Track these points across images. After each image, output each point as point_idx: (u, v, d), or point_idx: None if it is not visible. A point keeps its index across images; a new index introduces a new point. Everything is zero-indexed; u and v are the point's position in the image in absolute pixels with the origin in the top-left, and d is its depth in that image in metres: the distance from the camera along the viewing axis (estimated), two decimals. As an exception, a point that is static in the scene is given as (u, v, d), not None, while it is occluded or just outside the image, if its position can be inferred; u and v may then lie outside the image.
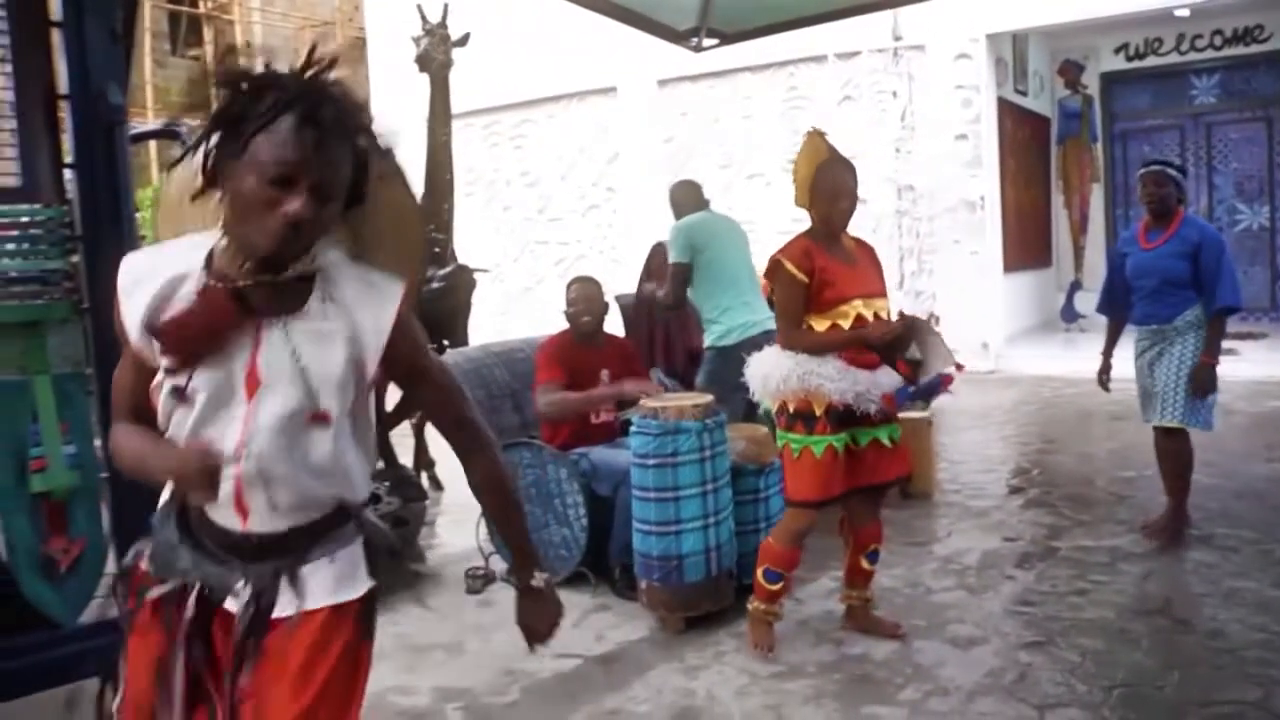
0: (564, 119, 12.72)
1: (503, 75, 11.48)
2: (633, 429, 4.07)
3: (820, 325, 3.55)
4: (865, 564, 3.81)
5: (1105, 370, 5.05)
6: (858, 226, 3.70)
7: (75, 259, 3.07)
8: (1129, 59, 12.16)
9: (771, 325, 4.04)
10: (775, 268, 3.60)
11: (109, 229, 3.03)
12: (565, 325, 4.78)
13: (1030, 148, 12.07)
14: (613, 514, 4.33)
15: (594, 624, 4.12)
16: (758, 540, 3.86)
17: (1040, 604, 4.09)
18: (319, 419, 1.62)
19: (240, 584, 1.67)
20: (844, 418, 3.53)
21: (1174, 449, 4.75)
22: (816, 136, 3.67)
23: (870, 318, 3.54)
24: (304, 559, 1.69)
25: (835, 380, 3.48)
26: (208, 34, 17.13)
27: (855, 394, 3.48)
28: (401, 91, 10.81)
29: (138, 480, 1.72)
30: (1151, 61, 12.02)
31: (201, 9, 17.19)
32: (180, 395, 1.60)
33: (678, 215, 5.75)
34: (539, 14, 9.35)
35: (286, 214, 1.53)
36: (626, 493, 4.14)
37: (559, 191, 12.82)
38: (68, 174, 3.06)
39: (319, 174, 1.55)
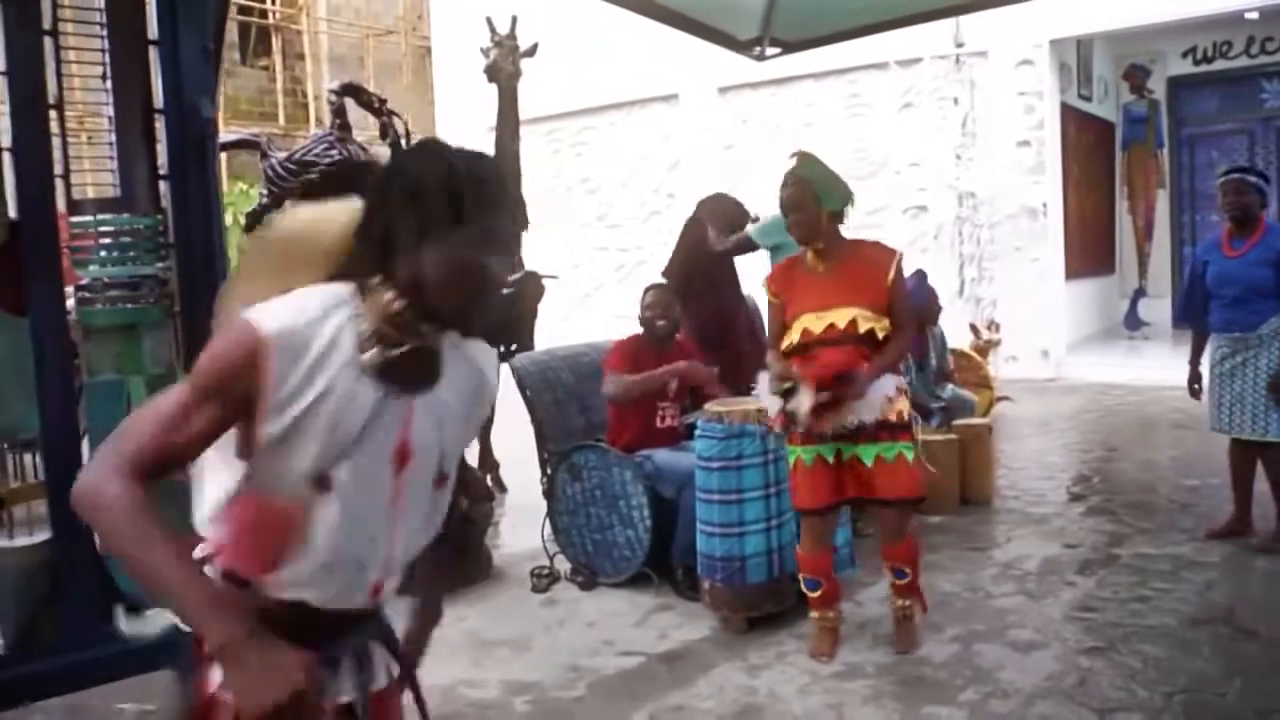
0: (625, 126, 12.84)
1: (565, 83, 11.60)
2: (698, 432, 4.15)
3: (788, 342, 3.66)
4: (892, 578, 3.80)
5: (1195, 379, 5.02)
6: (919, 233, 3.77)
7: (168, 265, 3.24)
8: (1196, 63, 11.98)
9: None
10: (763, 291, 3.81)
11: (200, 236, 3.19)
12: (633, 329, 4.89)
13: (1094, 154, 11.94)
14: (676, 515, 4.41)
15: (657, 623, 4.20)
16: (818, 542, 3.91)
17: (1101, 610, 4.10)
18: (442, 482, 1.60)
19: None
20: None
21: (1271, 460, 4.69)
22: (797, 155, 3.75)
23: (820, 330, 3.56)
24: (383, 620, 1.66)
25: (765, 396, 3.67)
26: (276, 44, 17.50)
27: (775, 407, 3.60)
28: (466, 100, 10.96)
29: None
30: (1220, 65, 11.83)
31: (270, 20, 17.56)
32: (322, 483, 1.43)
33: None
34: (602, 22, 9.44)
35: (500, 282, 1.51)
36: (690, 495, 4.21)
37: (620, 198, 12.94)
38: (161, 184, 3.22)
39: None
